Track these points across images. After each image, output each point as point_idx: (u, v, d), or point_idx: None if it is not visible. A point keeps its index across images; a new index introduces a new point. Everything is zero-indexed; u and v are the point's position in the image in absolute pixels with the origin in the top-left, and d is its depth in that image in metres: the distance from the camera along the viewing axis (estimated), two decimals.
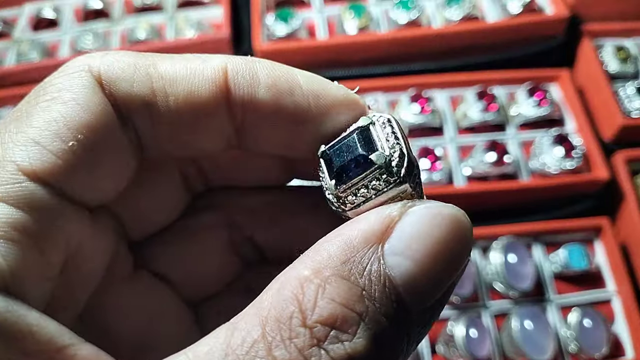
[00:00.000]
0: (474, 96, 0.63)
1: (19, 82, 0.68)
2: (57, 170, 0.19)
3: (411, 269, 0.18)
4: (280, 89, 0.22)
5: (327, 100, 0.22)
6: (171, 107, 0.21)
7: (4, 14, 0.76)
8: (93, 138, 0.20)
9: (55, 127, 0.19)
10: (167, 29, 0.73)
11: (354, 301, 0.17)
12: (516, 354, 0.51)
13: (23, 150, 0.19)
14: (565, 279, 0.56)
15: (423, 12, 0.69)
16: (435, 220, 0.19)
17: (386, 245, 0.18)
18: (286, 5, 0.71)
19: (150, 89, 0.21)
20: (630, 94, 0.63)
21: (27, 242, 0.18)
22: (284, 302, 0.17)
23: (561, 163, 0.59)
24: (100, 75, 0.21)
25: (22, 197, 0.18)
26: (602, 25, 0.68)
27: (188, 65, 0.21)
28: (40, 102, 0.20)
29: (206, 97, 0.21)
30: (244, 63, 0.22)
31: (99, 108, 0.20)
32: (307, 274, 0.18)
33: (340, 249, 0.18)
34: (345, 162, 0.21)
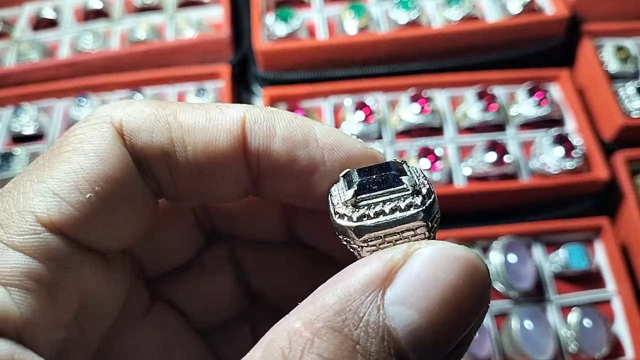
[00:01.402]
0: (474, 96, 0.63)
1: (19, 82, 0.68)
2: (74, 221, 0.20)
3: (415, 319, 0.16)
4: (296, 141, 0.22)
5: (342, 153, 0.22)
6: (189, 156, 0.22)
7: (3, 14, 0.76)
8: (110, 190, 0.20)
9: (74, 178, 0.20)
10: (167, 29, 0.72)
11: (344, 356, 0.16)
12: (516, 354, 0.51)
13: (42, 202, 0.19)
14: (565, 279, 0.56)
15: (423, 12, 0.69)
16: (444, 264, 0.17)
17: (387, 292, 0.17)
18: (286, 5, 0.71)
19: (169, 139, 0.21)
20: (630, 94, 0.63)
21: (41, 291, 0.19)
22: (271, 356, 0.16)
23: (561, 163, 0.59)
24: (122, 126, 0.21)
25: (39, 248, 0.19)
26: (602, 25, 0.68)
27: (207, 116, 0.22)
28: (62, 153, 0.21)
29: (224, 148, 0.22)
30: (262, 114, 0.22)
31: (117, 160, 0.21)
32: (297, 326, 0.17)
33: (336, 297, 0.17)
34: (372, 178, 0.20)
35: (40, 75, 0.68)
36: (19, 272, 0.18)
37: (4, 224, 0.19)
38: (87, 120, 0.22)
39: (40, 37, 0.73)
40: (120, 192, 0.21)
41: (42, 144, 0.64)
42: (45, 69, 0.68)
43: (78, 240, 0.20)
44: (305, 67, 0.67)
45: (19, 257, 0.19)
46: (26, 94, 0.67)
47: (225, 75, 0.67)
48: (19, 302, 0.18)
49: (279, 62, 0.67)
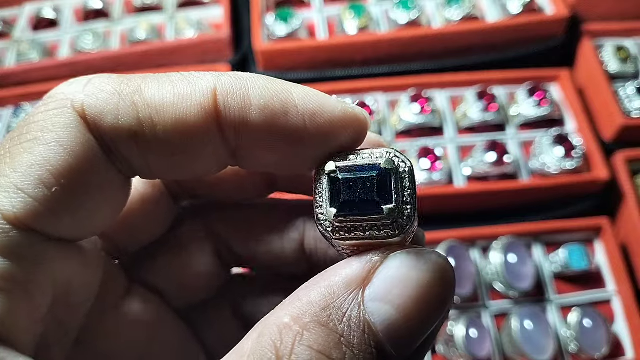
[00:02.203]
0: (474, 96, 0.63)
1: (19, 82, 0.68)
2: (41, 216, 0.19)
3: (392, 314, 0.18)
4: (274, 110, 0.20)
5: (324, 118, 0.21)
6: (159, 136, 0.20)
7: (4, 14, 0.76)
8: (76, 180, 0.20)
9: (38, 172, 0.19)
10: (167, 29, 0.72)
11: (330, 347, 0.18)
12: (516, 354, 0.51)
13: (7, 198, 0.19)
14: (565, 279, 0.56)
15: (423, 12, 0.69)
16: (418, 265, 0.19)
17: (367, 290, 0.19)
18: (286, 5, 0.71)
19: (137, 119, 0.20)
20: (630, 94, 0.63)
21: (14, 289, 0.18)
22: (263, 348, 0.18)
23: (561, 163, 0.59)
24: (84, 109, 0.20)
25: (7, 246, 0.18)
26: (602, 25, 0.68)
27: (175, 90, 0.20)
28: (23, 142, 0.19)
29: (196, 124, 0.20)
30: (234, 83, 0.21)
31: (82, 148, 0.20)
32: (286, 321, 0.18)
33: (320, 294, 0.18)
34: (355, 199, 0.20)
35: (40, 75, 0.68)
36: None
37: None
38: (46, 104, 0.20)
39: (40, 37, 0.73)
40: (87, 182, 0.20)
41: None
42: (45, 69, 0.68)
43: (47, 234, 0.20)
44: (305, 67, 0.67)
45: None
46: (26, 94, 0.67)
47: None
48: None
49: (279, 62, 0.67)
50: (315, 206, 0.21)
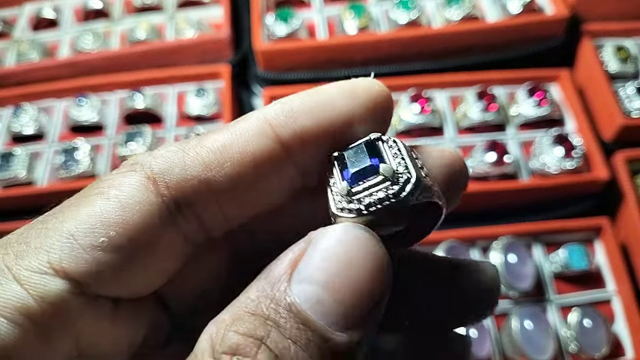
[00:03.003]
0: (474, 96, 0.63)
1: (19, 82, 0.68)
2: (85, 267, 0.19)
3: (319, 293, 0.19)
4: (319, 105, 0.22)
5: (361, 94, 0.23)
6: (228, 173, 0.21)
7: (3, 14, 0.76)
8: (127, 236, 0.20)
9: (92, 221, 0.20)
10: (167, 29, 0.73)
11: (255, 328, 0.19)
12: (516, 354, 0.51)
13: (57, 242, 0.19)
14: (565, 279, 0.56)
15: (423, 12, 0.69)
16: (340, 243, 0.20)
17: (294, 274, 0.19)
18: (286, 5, 0.71)
19: (203, 164, 0.21)
20: (630, 94, 0.63)
21: (30, 329, 0.19)
22: (202, 343, 0.19)
23: (561, 163, 0.59)
24: (152, 170, 0.21)
25: (39, 288, 0.19)
26: (602, 25, 0.68)
27: (229, 132, 0.22)
28: (90, 195, 0.21)
29: (258, 150, 0.21)
30: (278, 105, 0.22)
31: (140, 205, 0.20)
32: (224, 317, 0.19)
33: (255, 289, 0.20)
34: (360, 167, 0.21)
35: (40, 75, 0.68)
36: (12, 306, 0.19)
37: (19, 255, 0.19)
38: (118, 169, 0.22)
39: (40, 37, 0.73)
40: (139, 240, 0.20)
41: (42, 144, 0.64)
42: (45, 69, 0.68)
43: (86, 287, 0.20)
44: (305, 67, 0.67)
45: (19, 292, 0.19)
46: (26, 94, 0.67)
47: (225, 75, 0.67)
48: (4, 333, 0.18)
49: (279, 62, 0.67)
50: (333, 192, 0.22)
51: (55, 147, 0.64)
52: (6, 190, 0.61)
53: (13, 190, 0.60)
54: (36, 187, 0.61)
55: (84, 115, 0.65)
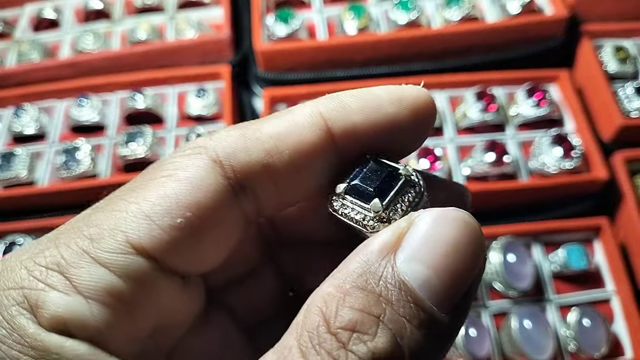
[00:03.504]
0: (474, 96, 0.63)
1: (19, 83, 0.68)
2: (162, 245, 0.21)
3: (425, 272, 0.20)
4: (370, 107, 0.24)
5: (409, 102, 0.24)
6: (286, 160, 0.23)
7: (4, 15, 0.76)
8: (201, 216, 0.21)
9: (167, 203, 0.21)
10: (167, 29, 0.73)
11: (371, 305, 0.19)
12: (515, 354, 0.51)
13: (134, 222, 0.20)
14: (564, 278, 0.56)
15: (423, 12, 0.69)
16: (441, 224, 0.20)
17: (398, 254, 0.20)
18: (286, 6, 0.72)
19: (264, 150, 0.23)
20: (629, 94, 0.63)
21: (119, 308, 0.20)
22: (312, 316, 0.20)
23: (560, 163, 0.59)
24: (217, 154, 0.22)
25: (124, 267, 0.20)
26: (602, 26, 0.68)
27: (285, 119, 0.23)
28: (157, 178, 0.22)
29: (312, 138, 0.23)
30: (331, 99, 0.24)
31: (211, 187, 0.22)
32: (329, 290, 0.20)
33: (357, 263, 0.20)
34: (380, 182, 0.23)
35: (41, 76, 0.68)
36: (101, 288, 0.19)
37: (94, 238, 0.20)
38: (182, 151, 0.23)
39: (41, 37, 0.73)
40: (210, 219, 0.22)
41: (43, 144, 0.65)
42: (46, 69, 0.68)
43: (163, 263, 0.21)
44: (306, 67, 0.67)
45: (104, 273, 0.20)
46: (27, 94, 0.67)
47: (226, 76, 0.67)
48: (97, 315, 0.19)
49: (279, 63, 0.67)
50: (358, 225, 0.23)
51: (56, 147, 0.64)
52: (7, 190, 0.61)
53: (14, 190, 0.61)
54: (37, 187, 0.61)
55: (85, 116, 0.65)
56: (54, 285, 0.19)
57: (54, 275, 0.19)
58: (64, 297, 0.19)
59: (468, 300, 0.21)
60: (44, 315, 0.19)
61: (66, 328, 0.19)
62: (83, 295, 0.19)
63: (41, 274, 0.20)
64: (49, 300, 0.19)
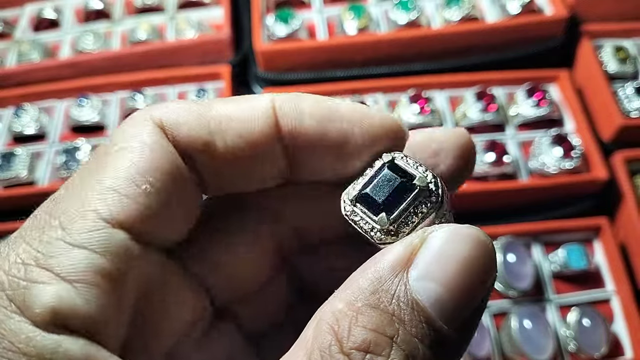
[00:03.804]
0: (474, 96, 0.63)
1: (20, 83, 0.68)
2: (133, 214, 0.20)
3: (437, 290, 0.19)
4: (324, 116, 0.23)
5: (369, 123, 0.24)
6: (228, 144, 0.22)
7: (4, 15, 0.76)
8: (163, 180, 0.21)
9: (127, 173, 0.21)
10: (167, 29, 0.73)
11: (384, 326, 0.19)
12: (515, 354, 0.51)
13: (101, 199, 0.20)
14: (564, 278, 0.56)
15: (423, 12, 0.69)
16: (455, 242, 0.20)
17: (411, 271, 0.20)
18: (286, 6, 0.72)
19: (208, 129, 0.22)
20: (629, 94, 0.63)
21: (106, 286, 0.19)
22: (323, 333, 0.19)
23: (560, 163, 0.59)
24: (162, 122, 0.22)
25: (102, 243, 0.20)
26: (602, 26, 0.68)
27: (238, 106, 0.23)
28: (111, 153, 0.21)
29: (259, 130, 0.23)
30: (287, 98, 0.24)
31: (165, 152, 0.22)
32: (340, 307, 0.20)
33: (369, 280, 0.20)
34: (389, 194, 0.22)
35: (41, 76, 0.68)
36: (85, 268, 0.19)
37: (65, 226, 0.20)
38: (126, 122, 0.23)
39: (41, 37, 0.73)
40: (171, 183, 0.22)
41: (43, 144, 0.65)
42: (46, 69, 0.68)
43: (138, 233, 0.21)
44: (305, 67, 0.67)
45: (84, 254, 0.19)
46: (27, 94, 0.67)
47: (226, 76, 0.67)
48: (87, 297, 0.19)
49: (279, 63, 0.67)
50: (366, 235, 0.23)
51: (56, 147, 0.64)
52: (7, 190, 0.61)
53: (14, 190, 0.61)
54: (37, 187, 0.61)
55: (85, 116, 0.65)
56: (37, 279, 0.19)
57: (34, 269, 0.19)
58: (49, 287, 0.18)
59: (478, 316, 0.21)
60: (35, 312, 0.18)
61: (60, 319, 0.18)
62: (68, 281, 0.19)
63: (19, 272, 0.19)
64: (35, 295, 0.18)
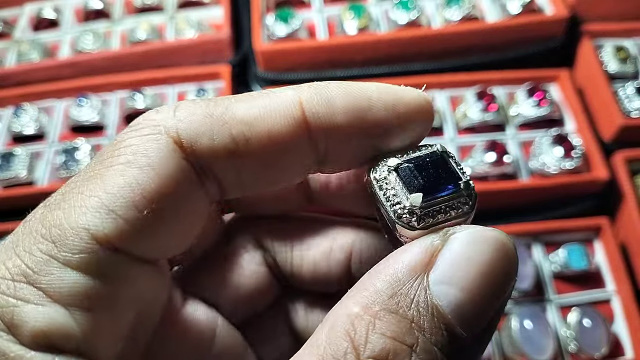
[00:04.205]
0: (474, 96, 0.63)
1: (19, 83, 0.68)
2: (129, 237, 0.19)
3: (458, 296, 0.18)
4: (356, 108, 0.21)
5: (403, 108, 0.22)
6: (253, 150, 0.21)
7: (4, 14, 0.76)
8: (167, 205, 0.20)
9: (130, 194, 0.19)
10: (167, 29, 0.73)
11: (403, 333, 0.18)
12: (516, 354, 0.51)
13: (97, 218, 0.19)
14: (564, 278, 0.56)
15: (423, 12, 0.69)
16: (478, 245, 0.19)
17: (431, 275, 0.19)
18: (286, 6, 0.72)
19: (230, 137, 0.21)
20: (629, 94, 0.63)
21: (98, 308, 0.19)
22: (337, 339, 0.18)
23: (561, 163, 0.59)
24: (178, 134, 0.20)
25: (94, 265, 0.19)
26: (602, 26, 0.68)
27: (262, 105, 0.21)
28: (115, 165, 0.20)
29: (286, 133, 0.21)
30: (315, 91, 0.22)
31: (175, 173, 0.20)
32: (357, 311, 0.18)
33: (386, 282, 0.19)
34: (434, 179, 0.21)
35: (40, 76, 0.68)
36: (78, 292, 0.18)
37: (57, 240, 0.19)
38: (137, 130, 0.21)
39: (40, 37, 0.73)
40: (176, 206, 0.21)
41: (42, 144, 0.65)
42: (46, 69, 0.68)
43: (133, 254, 0.20)
44: (305, 67, 0.67)
45: (77, 277, 0.19)
46: (27, 94, 0.67)
47: (226, 76, 0.67)
48: (79, 321, 0.18)
49: (279, 63, 0.67)
50: (387, 204, 0.21)
51: (56, 147, 0.64)
52: (7, 190, 0.61)
53: (13, 190, 0.60)
54: (37, 187, 0.61)
55: (85, 116, 0.65)
56: (27, 299, 0.18)
57: (24, 287, 0.18)
58: (41, 309, 0.18)
59: (495, 322, 0.20)
60: (24, 333, 0.18)
61: (50, 342, 0.18)
62: (61, 304, 0.18)
63: (9, 288, 0.18)
64: (25, 316, 0.18)
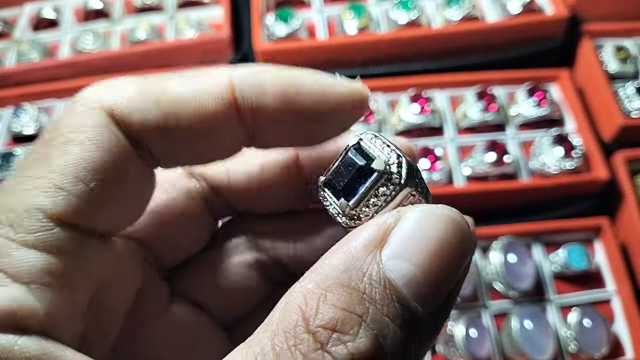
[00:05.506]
0: (474, 96, 0.63)
1: (19, 83, 0.68)
2: (81, 212, 0.20)
3: (410, 270, 0.19)
4: (287, 94, 0.23)
5: (333, 98, 0.23)
6: (183, 127, 0.22)
7: (4, 14, 0.76)
8: (112, 176, 0.21)
9: (75, 170, 0.20)
10: (167, 29, 0.73)
11: (354, 304, 0.18)
12: (516, 354, 0.51)
13: (48, 197, 0.20)
14: (565, 278, 0.56)
15: (423, 12, 0.69)
16: (429, 222, 0.20)
17: (384, 250, 0.19)
18: (286, 5, 0.71)
19: (162, 113, 0.22)
20: (630, 94, 0.63)
21: (59, 285, 0.19)
22: (289, 314, 0.18)
23: (561, 163, 0.59)
24: (113, 109, 0.22)
25: (52, 243, 0.20)
26: (602, 25, 0.68)
27: (194, 85, 0.22)
28: (57, 144, 0.21)
29: (215, 113, 0.22)
30: (248, 73, 0.23)
31: (114, 146, 0.21)
32: (310, 287, 0.19)
33: (340, 259, 0.19)
34: (349, 179, 0.22)
35: (40, 76, 0.68)
36: (37, 270, 0.19)
37: (14, 223, 0.19)
38: (74, 108, 0.22)
39: (40, 37, 0.73)
40: (121, 177, 0.21)
41: None
42: (46, 69, 0.68)
43: (86, 229, 0.21)
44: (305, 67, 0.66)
45: (35, 255, 0.19)
46: (26, 94, 0.67)
47: None
48: (41, 298, 0.19)
49: (279, 62, 0.66)
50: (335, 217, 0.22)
51: None
52: None
53: None
54: None
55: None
56: None
57: None
58: (3, 289, 0.18)
59: (451, 300, 0.20)
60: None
61: (14, 321, 0.18)
62: (22, 282, 0.19)
63: None
64: None
